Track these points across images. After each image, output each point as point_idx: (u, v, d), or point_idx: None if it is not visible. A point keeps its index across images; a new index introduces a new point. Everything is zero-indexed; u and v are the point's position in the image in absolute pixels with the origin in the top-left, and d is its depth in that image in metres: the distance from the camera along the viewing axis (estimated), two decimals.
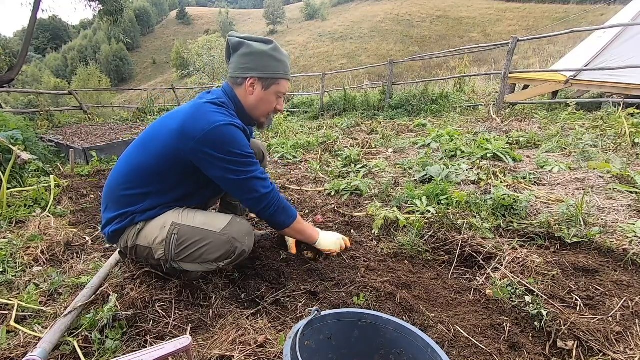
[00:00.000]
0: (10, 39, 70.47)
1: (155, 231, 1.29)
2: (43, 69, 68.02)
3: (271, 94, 1.37)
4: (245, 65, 1.32)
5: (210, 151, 1.21)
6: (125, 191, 1.31)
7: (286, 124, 6.37)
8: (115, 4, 11.15)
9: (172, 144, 1.23)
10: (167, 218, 1.31)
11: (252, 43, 1.31)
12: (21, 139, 3.32)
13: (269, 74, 1.33)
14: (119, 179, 1.33)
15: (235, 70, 1.34)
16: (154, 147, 1.28)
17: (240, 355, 1.06)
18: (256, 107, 1.39)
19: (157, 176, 1.29)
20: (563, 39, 21.65)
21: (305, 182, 2.93)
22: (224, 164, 1.23)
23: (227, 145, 1.22)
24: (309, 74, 18.56)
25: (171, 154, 1.24)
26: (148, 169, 1.28)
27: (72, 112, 9.07)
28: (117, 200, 1.33)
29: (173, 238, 1.27)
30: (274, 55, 1.32)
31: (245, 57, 1.31)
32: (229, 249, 1.28)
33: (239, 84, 1.35)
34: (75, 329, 1.19)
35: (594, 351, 1.04)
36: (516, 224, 1.78)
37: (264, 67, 1.32)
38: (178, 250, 1.28)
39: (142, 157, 1.30)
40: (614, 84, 5.08)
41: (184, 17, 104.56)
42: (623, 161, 2.60)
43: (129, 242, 1.33)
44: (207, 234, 1.28)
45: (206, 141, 1.20)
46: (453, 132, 3.89)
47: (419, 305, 1.25)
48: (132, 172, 1.30)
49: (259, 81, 1.34)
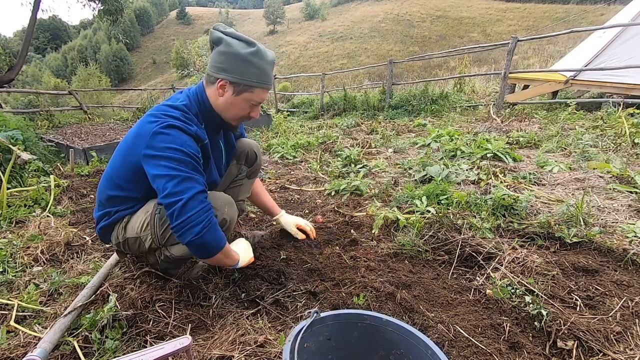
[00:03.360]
0: (10, 39, 70.57)
1: (140, 218, 1.31)
2: (43, 69, 68.07)
3: (242, 100, 1.26)
4: (219, 65, 1.21)
5: (150, 151, 1.13)
6: (111, 191, 1.33)
7: (286, 124, 6.37)
8: (116, 4, 11.15)
9: (131, 149, 1.23)
10: (150, 204, 1.32)
11: (232, 41, 1.19)
12: (21, 139, 3.32)
13: (241, 80, 1.21)
14: (104, 182, 1.35)
15: (209, 68, 1.25)
16: (123, 152, 1.28)
17: (240, 355, 1.06)
18: (226, 110, 1.29)
19: (131, 183, 1.29)
20: (563, 39, 21.65)
21: (305, 182, 2.92)
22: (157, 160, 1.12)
23: (161, 142, 1.12)
24: (309, 74, 18.57)
25: (132, 159, 1.22)
26: (121, 173, 1.29)
27: (72, 112, 9.06)
28: (105, 200, 1.35)
29: (156, 218, 1.27)
30: (251, 61, 1.19)
31: (221, 55, 1.20)
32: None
33: (211, 82, 1.26)
34: (75, 329, 1.20)
35: (594, 351, 1.04)
36: (516, 224, 1.78)
37: (238, 71, 1.20)
38: (162, 229, 1.26)
39: (118, 161, 1.31)
40: (614, 84, 5.07)
41: (184, 17, 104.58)
42: (623, 161, 2.60)
43: (119, 236, 1.35)
44: None
45: (148, 142, 1.14)
46: (453, 132, 3.89)
47: (419, 305, 1.25)
48: (113, 176, 1.32)
49: (231, 85, 1.22)
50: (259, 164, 1.72)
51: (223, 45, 1.20)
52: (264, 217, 2.14)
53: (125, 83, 67.01)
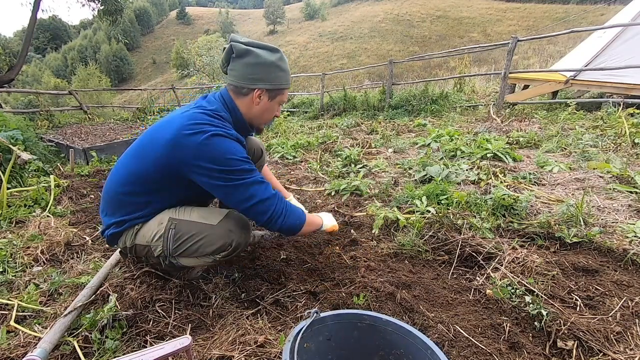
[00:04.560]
0: (10, 39, 70.49)
1: (152, 228, 1.30)
2: (43, 68, 68.05)
3: (275, 103, 1.37)
4: (254, 76, 1.27)
5: (206, 164, 1.16)
6: (125, 197, 1.30)
7: (286, 124, 6.36)
8: (115, 4, 11.14)
9: (166, 156, 1.20)
10: (164, 215, 1.31)
11: (260, 52, 1.26)
12: (21, 139, 3.33)
13: (275, 85, 1.31)
14: (119, 184, 1.30)
15: (240, 79, 1.29)
16: (151, 157, 1.24)
17: (240, 355, 1.06)
18: (260, 117, 1.37)
19: (155, 184, 1.27)
20: (563, 39, 21.64)
21: (305, 182, 2.92)
22: (220, 174, 1.17)
23: (221, 155, 1.17)
24: (309, 74, 18.56)
25: (166, 165, 1.21)
26: (147, 178, 1.26)
27: (72, 112, 9.07)
28: (118, 205, 1.32)
29: (170, 233, 1.27)
30: (280, 66, 1.30)
31: (253, 67, 1.26)
32: (225, 241, 1.27)
33: (243, 93, 1.30)
34: (75, 329, 1.19)
35: (594, 351, 1.04)
36: (516, 224, 1.78)
37: (271, 78, 1.29)
38: (175, 245, 1.28)
39: (140, 165, 1.27)
40: (614, 84, 5.07)
41: (184, 17, 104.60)
42: (623, 161, 2.60)
43: (127, 242, 1.34)
44: (204, 227, 1.27)
45: (200, 154, 1.16)
46: (453, 132, 3.89)
47: (419, 305, 1.25)
48: (132, 179, 1.28)
49: (266, 92, 1.31)
50: (264, 158, 1.83)
51: (252, 57, 1.26)
52: None
53: (125, 83, 67.01)
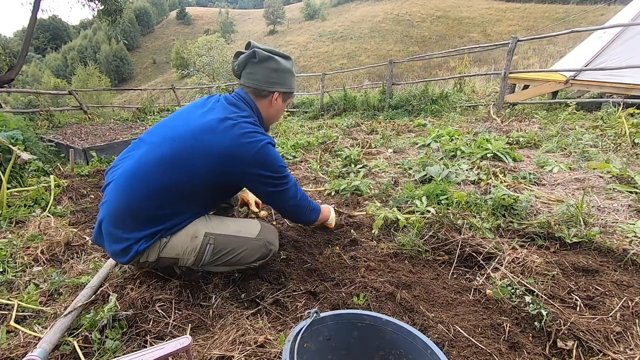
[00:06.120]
0: (10, 39, 70.54)
1: (184, 242, 1.28)
2: (43, 68, 68.07)
3: (285, 105, 1.51)
4: (274, 80, 1.39)
5: (261, 171, 1.29)
6: (156, 210, 1.24)
7: (286, 124, 6.37)
8: (116, 4, 11.14)
9: (219, 166, 1.24)
10: (197, 228, 1.31)
11: (279, 59, 1.39)
12: (21, 139, 3.32)
13: (289, 89, 1.45)
14: (145, 198, 1.22)
15: (262, 83, 1.39)
16: (197, 169, 1.22)
17: (240, 355, 1.06)
18: (274, 117, 1.51)
19: (193, 195, 1.27)
20: (563, 39, 21.65)
21: (305, 182, 2.92)
22: (272, 180, 1.32)
23: (273, 164, 1.31)
24: (309, 74, 18.55)
25: (215, 176, 1.26)
26: (184, 190, 1.24)
27: (72, 112, 9.06)
28: (146, 219, 1.24)
29: (209, 248, 1.31)
30: (292, 72, 1.45)
31: (275, 72, 1.39)
32: (264, 252, 1.41)
33: (263, 95, 1.41)
34: (75, 329, 1.19)
35: (594, 351, 1.04)
36: (516, 224, 1.78)
37: (287, 82, 1.43)
38: (214, 258, 1.34)
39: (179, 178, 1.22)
40: (614, 84, 5.07)
41: (184, 17, 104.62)
42: (623, 161, 2.60)
43: (151, 257, 1.27)
44: (244, 241, 1.37)
45: (256, 163, 1.27)
46: (453, 132, 3.89)
47: (419, 305, 1.25)
48: (166, 192, 1.22)
49: (281, 95, 1.44)
50: None
51: (274, 62, 1.38)
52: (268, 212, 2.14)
53: (125, 83, 67.02)
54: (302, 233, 1.86)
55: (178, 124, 1.31)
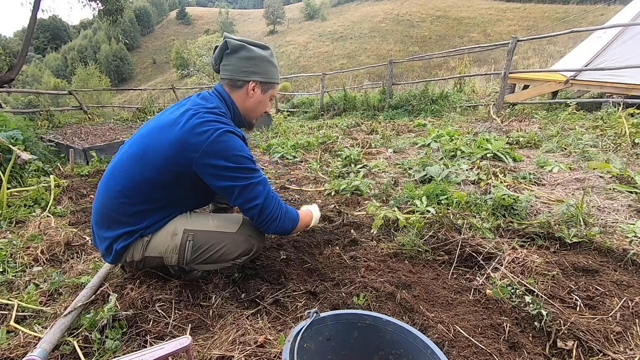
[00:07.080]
0: (10, 39, 70.43)
1: (165, 240, 1.28)
2: (43, 68, 68.09)
3: (267, 97, 1.42)
4: (248, 69, 1.34)
5: (215, 161, 1.18)
6: (129, 207, 1.24)
7: (286, 124, 6.37)
8: (116, 4, 11.13)
9: (174, 157, 1.19)
10: (176, 225, 1.30)
11: (253, 48, 1.33)
12: (21, 139, 3.32)
13: (268, 78, 1.38)
14: (120, 195, 1.24)
15: (235, 73, 1.34)
16: (156, 161, 1.21)
17: (240, 355, 1.06)
18: (253, 110, 1.42)
19: (162, 190, 1.25)
20: (563, 39, 21.62)
21: (305, 182, 2.93)
22: (230, 172, 1.20)
23: (230, 153, 1.19)
24: (309, 74, 18.57)
25: (174, 167, 1.20)
26: (153, 184, 1.22)
27: (72, 112, 9.05)
28: (122, 216, 1.25)
29: (188, 245, 1.27)
30: (272, 61, 1.38)
31: (247, 60, 1.33)
32: (247, 247, 1.33)
33: (238, 86, 1.36)
34: (75, 329, 1.19)
35: (594, 351, 1.04)
36: (516, 224, 1.78)
37: (264, 71, 1.36)
38: (194, 255, 1.29)
39: (144, 172, 1.22)
40: (614, 84, 5.07)
41: (184, 17, 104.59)
42: (623, 161, 2.60)
43: (136, 255, 1.29)
44: (224, 236, 1.31)
45: (210, 151, 1.17)
46: (453, 132, 3.89)
47: (419, 305, 1.25)
48: (136, 187, 1.23)
49: (259, 85, 1.37)
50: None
51: (246, 51, 1.32)
52: None
53: (125, 83, 67.00)
54: (302, 233, 1.86)
55: (151, 123, 1.32)
